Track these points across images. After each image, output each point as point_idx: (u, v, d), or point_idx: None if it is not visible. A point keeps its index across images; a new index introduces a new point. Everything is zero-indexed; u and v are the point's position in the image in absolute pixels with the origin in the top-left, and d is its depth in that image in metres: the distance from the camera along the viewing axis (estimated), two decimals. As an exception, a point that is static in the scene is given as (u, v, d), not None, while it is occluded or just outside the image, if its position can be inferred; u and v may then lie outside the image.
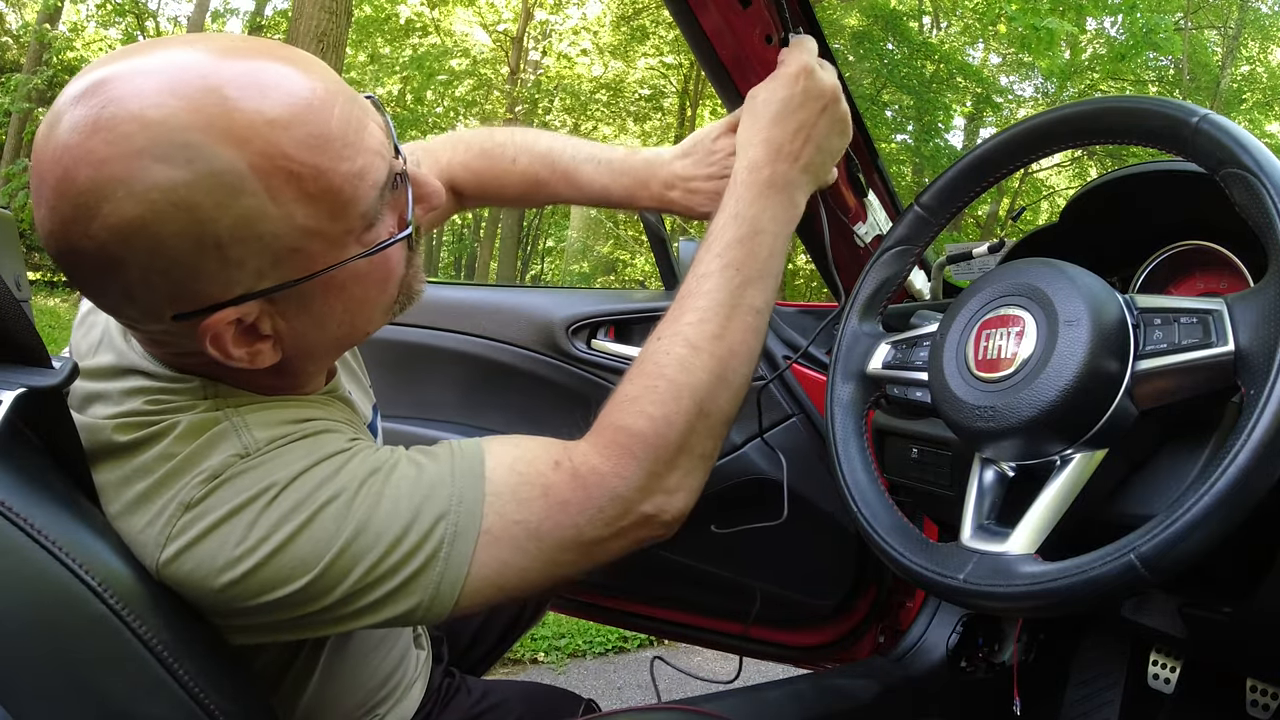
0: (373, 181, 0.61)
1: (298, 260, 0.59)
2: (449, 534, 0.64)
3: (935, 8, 12.55)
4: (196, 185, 0.53)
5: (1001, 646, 1.38)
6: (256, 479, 0.62)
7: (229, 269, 0.57)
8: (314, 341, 0.66)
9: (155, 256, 0.54)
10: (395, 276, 0.68)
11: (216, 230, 0.54)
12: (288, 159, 0.55)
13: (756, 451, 1.43)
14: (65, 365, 0.59)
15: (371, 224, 0.62)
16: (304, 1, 7.79)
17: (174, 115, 0.52)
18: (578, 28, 14.09)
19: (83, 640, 0.54)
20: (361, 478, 0.64)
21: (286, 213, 0.56)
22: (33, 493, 0.55)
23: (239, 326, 0.60)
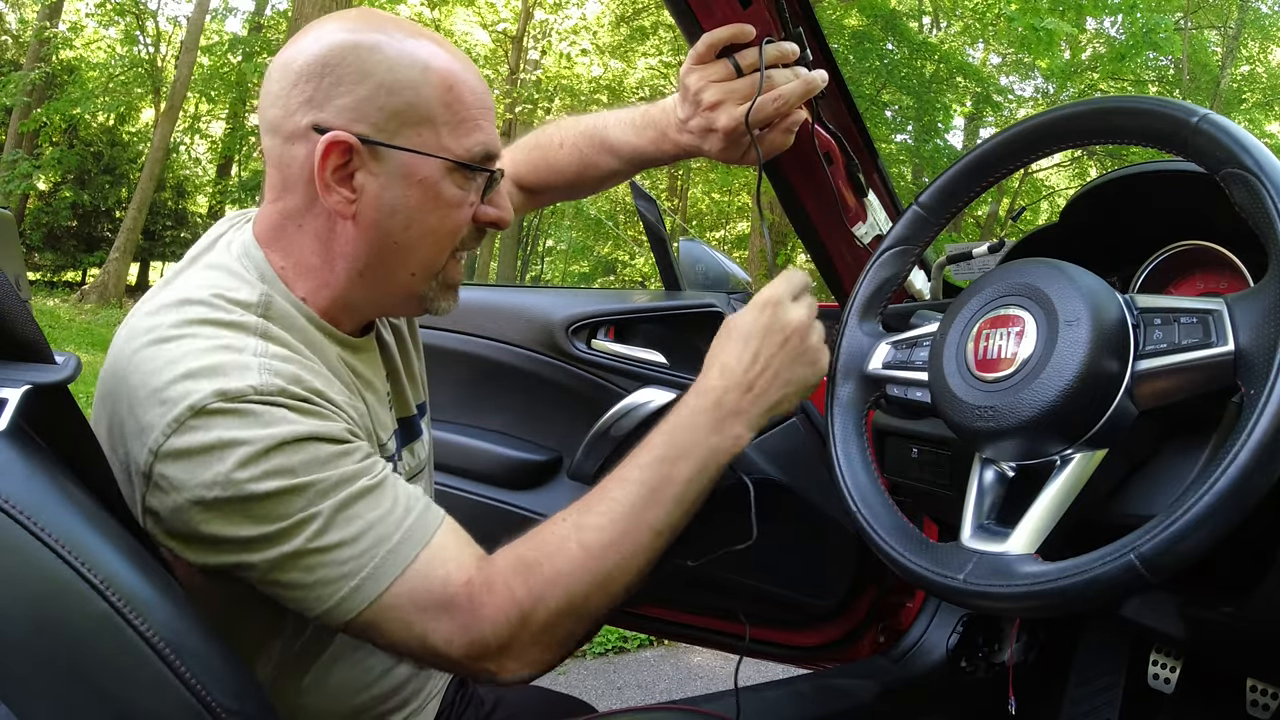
0: (482, 149, 0.78)
1: (404, 134, 0.74)
2: (371, 570, 0.69)
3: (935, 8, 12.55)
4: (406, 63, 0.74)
5: (1001, 646, 1.38)
6: (263, 423, 0.67)
7: (365, 107, 0.73)
8: (383, 232, 0.76)
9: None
10: (453, 223, 0.79)
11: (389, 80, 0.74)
12: (459, 84, 0.76)
13: (757, 451, 1.43)
14: (69, 361, 0.59)
15: (462, 166, 0.77)
16: (304, 1, 7.80)
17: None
18: (577, 27, 14.10)
19: (85, 638, 0.54)
20: (342, 478, 0.70)
21: (427, 100, 0.75)
22: (36, 490, 0.55)
23: (340, 154, 0.73)
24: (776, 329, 0.84)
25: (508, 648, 0.72)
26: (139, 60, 14.05)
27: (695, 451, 0.79)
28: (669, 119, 1.05)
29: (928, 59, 11.04)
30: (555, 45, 14.41)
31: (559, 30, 14.30)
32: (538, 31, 14.61)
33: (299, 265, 0.79)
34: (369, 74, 0.73)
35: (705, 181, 15.33)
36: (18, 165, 11.64)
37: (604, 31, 14.18)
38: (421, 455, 0.98)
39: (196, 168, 16.20)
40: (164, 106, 12.30)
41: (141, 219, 11.21)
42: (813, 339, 0.86)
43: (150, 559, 0.62)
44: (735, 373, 0.82)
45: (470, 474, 1.54)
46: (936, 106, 10.97)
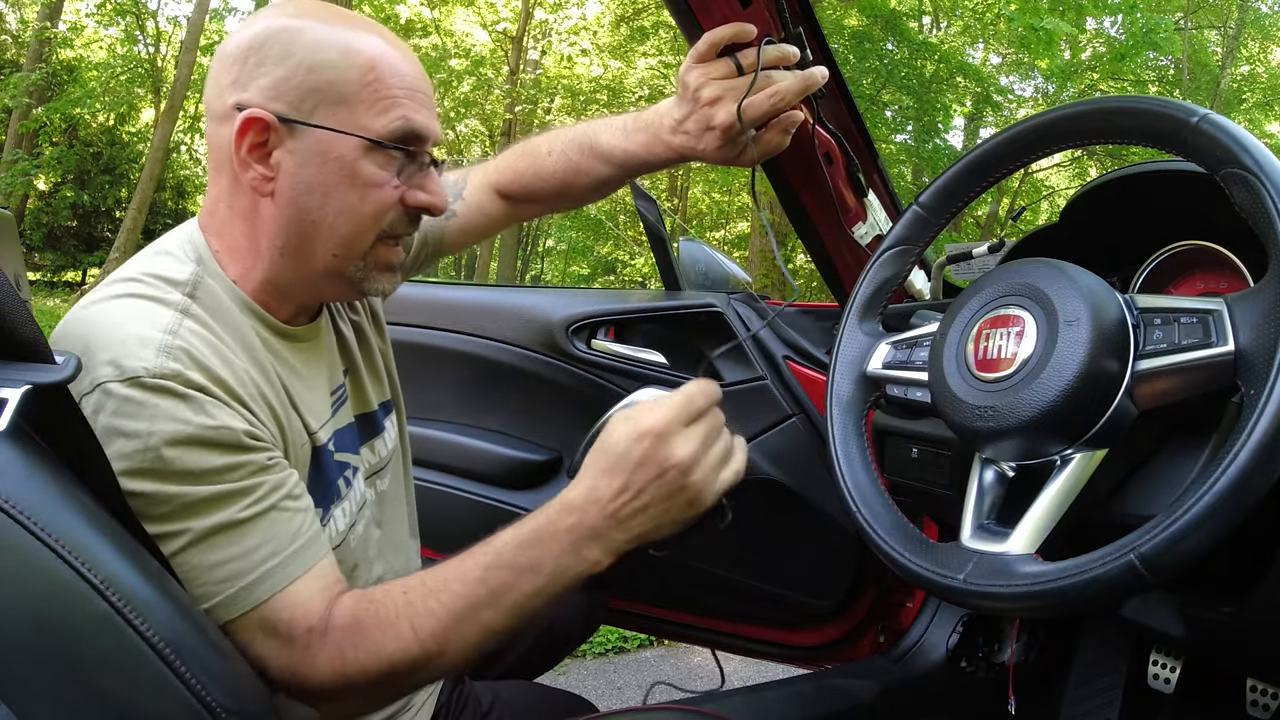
0: (401, 128, 0.77)
1: (320, 113, 0.76)
2: (222, 599, 0.70)
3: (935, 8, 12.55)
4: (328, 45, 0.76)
5: (1001, 646, 1.38)
6: (148, 415, 0.68)
7: (283, 86, 0.75)
8: (299, 210, 0.77)
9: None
10: (374, 204, 0.78)
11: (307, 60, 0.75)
12: (381, 64, 0.77)
13: (756, 451, 1.43)
14: (69, 361, 0.59)
15: (378, 145, 0.77)
16: (304, 1, 7.79)
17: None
18: (577, 27, 14.10)
19: (85, 638, 0.54)
20: (214, 497, 0.70)
21: (346, 79, 0.76)
22: (36, 490, 0.55)
23: (257, 132, 0.75)
24: (652, 463, 0.75)
25: (330, 697, 0.74)
26: (139, 60, 14.05)
27: (544, 567, 0.75)
28: (662, 122, 1.05)
29: (928, 59, 11.04)
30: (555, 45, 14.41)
31: (559, 31, 14.30)
32: (538, 31, 14.61)
33: (231, 247, 0.80)
34: (290, 54, 0.75)
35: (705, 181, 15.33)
36: (17, 165, 11.65)
37: (604, 31, 14.18)
38: (384, 452, 0.98)
39: (196, 168, 16.20)
40: (164, 106, 12.30)
41: (141, 219, 11.20)
42: (695, 475, 0.76)
43: (150, 559, 0.62)
44: (601, 498, 0.76)
45: (470, 474, 1.54)
46: (936, 106, 10.96)
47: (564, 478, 1.56)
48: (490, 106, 15.06)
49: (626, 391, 1.48)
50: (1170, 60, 12.53)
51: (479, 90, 14.97)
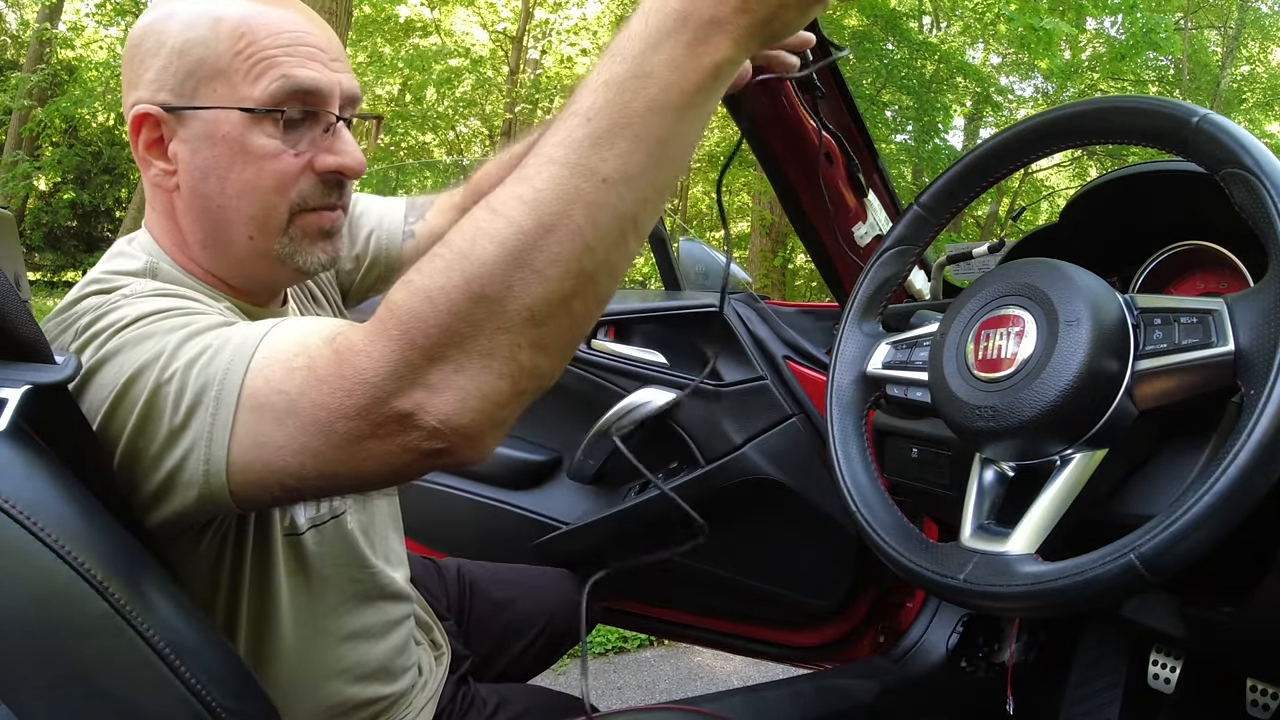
0: (282, 87, 0.72)
1: (201, 93, 0.73)
2: (216, 387, 0.61)
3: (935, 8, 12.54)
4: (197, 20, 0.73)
5: (1001, 646, 1.38)
6: (128, 305, 0.67)
7: (164, 75, 0.73)
8: (203, 197, 0.75)
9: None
10: (272, 175, 0.74)
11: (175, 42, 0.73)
12: (253, 27, 0.72)
13: (756, 451, 1.43)
14: (69, 361, 0.59)
15: (259, 113, 0.72)
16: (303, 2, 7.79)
17: None
18: (577, 27, 14.10)
19: (85, 638, 0.54)
20: (199, 325, 0.66)
21: (218, 52, 0.72)
22: (36, 490, 0.55)
23: (150, 128, 0.73)
24: None
25: (416, 368, 0.55)
26: (139, 60, 14.06)
27: (658, 70, 0.53)
28: None
29: (928, 59, 11.03)
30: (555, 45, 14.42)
31: (559, 31, 14.30)
32: (538, 31, 14.61)
33: (169, 241, 0.79)
34: (163, 42, 0.73)
35: (705, 182, 15.33)
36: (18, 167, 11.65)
37: (604, 31, 14.18)
38: None
39: (196, 168, 16.21)
40: (164, 106, 12.29)
41: (141, 219, 11.20)
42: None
43: (150, 559, 0.62)
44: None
45: (470, 474, 1.54)
46: (936, 106, 10.95)
47: (564, 478, 1.56)
48: (490, 106, 15.05)
49: (626, 391, 1.48)
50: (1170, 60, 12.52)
51: (479, 90, 14.97)
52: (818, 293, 11.29)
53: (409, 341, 0.55)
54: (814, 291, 12.10)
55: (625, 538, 1.50)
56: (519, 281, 0.53)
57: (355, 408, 0.56)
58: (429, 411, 0.55)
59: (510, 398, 0.56)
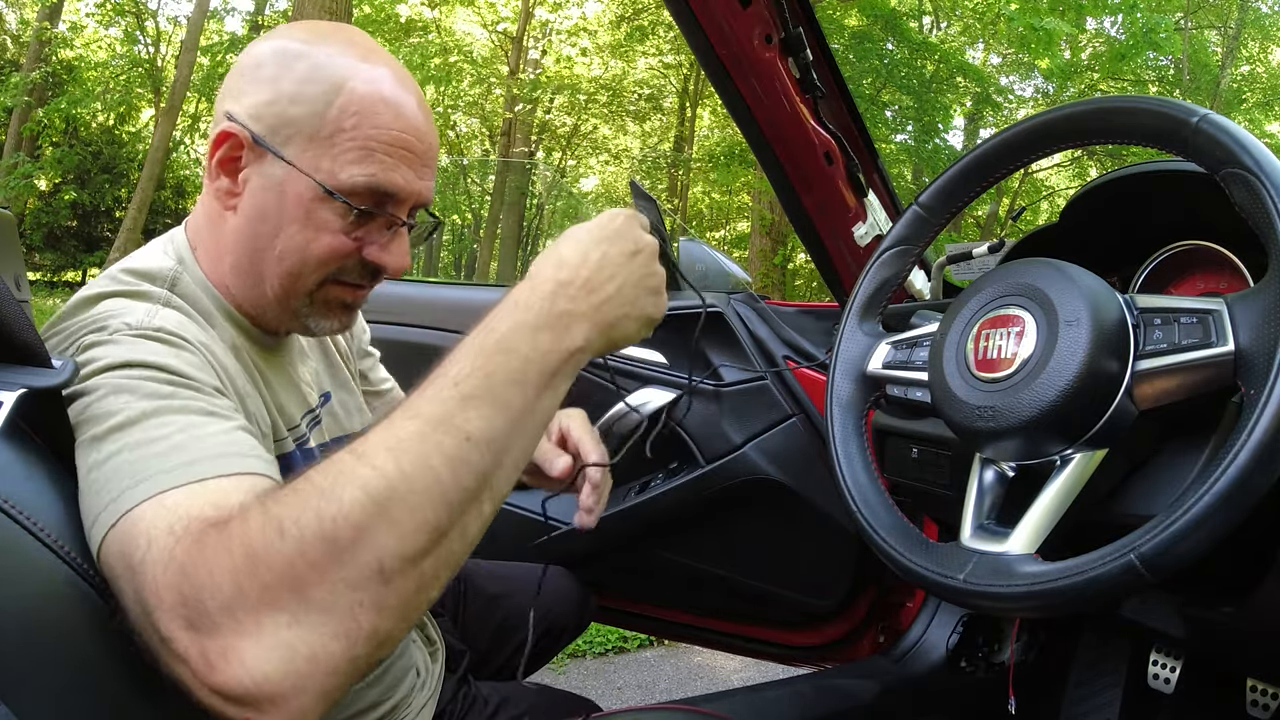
0: (367, 183, 0.74)
1: (292, 145, 0.74)
2: (125, 483, 0.57)
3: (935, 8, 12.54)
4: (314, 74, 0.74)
5: (1001, 646, 1.38)
6: (127, 347, 0.65)
7: (265, 109, 0.74)
8: (253, 233, 0.76)
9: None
10: (322, 248, 0.76)
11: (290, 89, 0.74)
12: (368, 112, 0.74)
13: (756, 451, 1.43)
14: (65, 366, 0.59)
15: (332, 196, 0.74)
16: (304, 1, 7.80)
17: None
18: (576, 27, 14.10)
19: (84, 638, 0.54)
20: (175, 395, 0.63)
21: (325, 118, 0.73)
22: (35, 491, 0.56)
23: (232, 146, 0.75)
24: (628, 237, 0.70)
25: (224, 616, 0.50)
26: (139, 60, 14.06)
27: (521, 348, 0.61)
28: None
29: (928, 59, 11.04)
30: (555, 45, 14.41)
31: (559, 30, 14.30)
32: (538, 31, 14.61)
33: (206, 250, 0.80)
34: (280, 79, 0.74)
35: (705, 182, 15.34)
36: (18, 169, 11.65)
37: (604, 31, 14.18)
38: None
39: (196, 168, 16.19)
40: (163, 106, 12.30)
41: (141, 219, 11.20)
42: (658, 269, 0.73)
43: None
44: (573, 267, 0.66)
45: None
46: (936, 106, 10.95)
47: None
48: (490, 106, 15.05)
49: (627, 391, 1.48)
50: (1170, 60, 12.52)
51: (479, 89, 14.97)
52: (818, 293, 11.28)
53: (249, 568, 0.50)
54: (814, 291, 12.10)
55: (625, 537, 1.50)
56: (373, 529, 0.52)
57: (176, 618, 0.51)
58: (245, 663, 0.49)
59: (343, 663, 0.51)
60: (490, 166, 15.69)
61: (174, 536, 0.53)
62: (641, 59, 14.60)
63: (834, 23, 10.48)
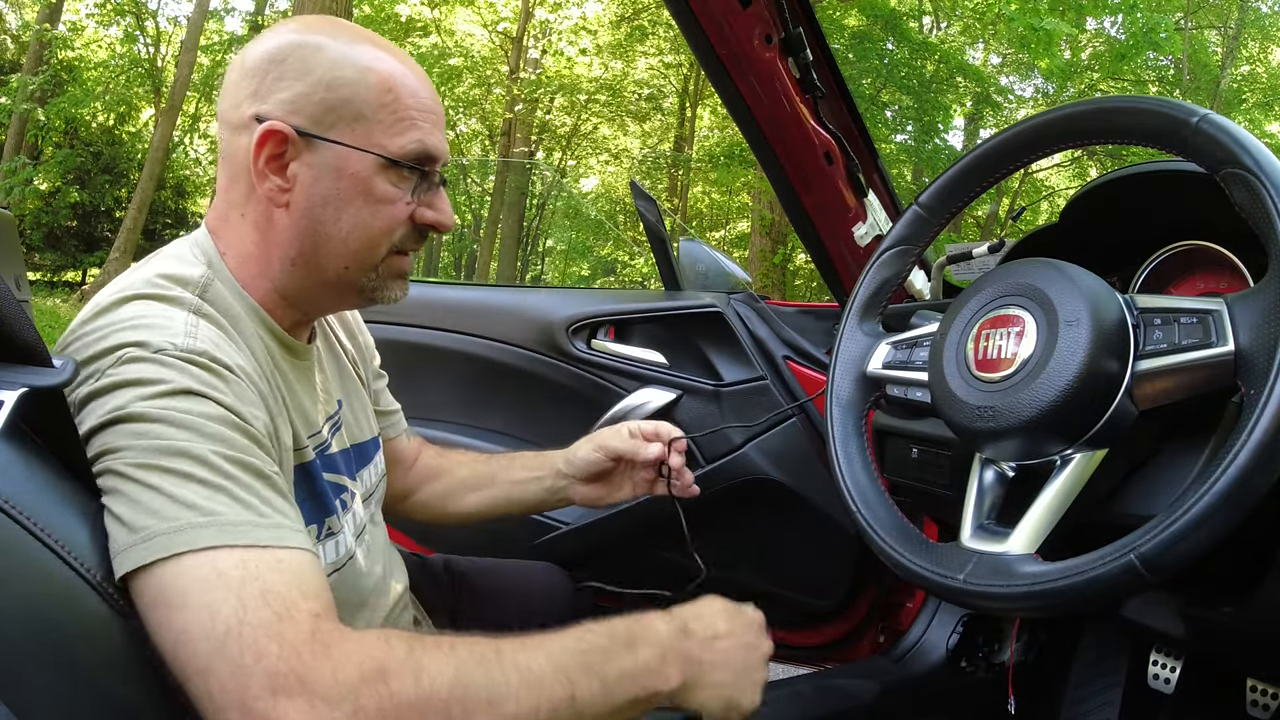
0: (417, 149, 0.80)
1: (339, 129, 0.77)
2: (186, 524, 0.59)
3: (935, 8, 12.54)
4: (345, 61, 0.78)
5: (1001, 646, 1.38)
6: (177, 371, 0.66)
7: (303, 101, 0.77)
8: (314, 221, 0.79)
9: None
10: (385, 219, 0.80)
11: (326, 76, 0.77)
12: (398, 85, 0.79)
13: (757, 451, 1.43)
14: (66, 365, 0.59)
15: (393, 164, 0.79)
16: (304, 1, 7.80)
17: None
18: (576, 27, 14.09)
19: (84, 638, 0.54)
20: (223, 438, 0.65)
21: (364, 98, 0.78)
22: (35, 491, 0.56)
23: (275, 144, 0.76)
24: (754, 633, 0.82)
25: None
26: (139, 60, 14.06)
27: (634, 654, 0.72)
28: (555, 466, 1.14)
29: (928, 59, 11.03)
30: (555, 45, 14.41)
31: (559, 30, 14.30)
32: (538, 31, 14.61)
33: (241, 253, 0.81)
34: (310, 70, 0.77)
35: (705, 182, 15.34)
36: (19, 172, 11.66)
37: (604, 31, 14.18)
38: (374, 479, 1.01)
39: (196, 168, 16.18)
40: (163, 106, 12.31)
41: (141, 219, 11.19)
42: (765, 671, 0.82)
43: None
44: (706, 627, 0.78)
45: (470, 474, 1.54)
46: (936, 106, 10.95)
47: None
48: (490, 106, 15.05)
49: (626, 391, 1.48)
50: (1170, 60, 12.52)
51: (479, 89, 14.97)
52: (818, 293, 11.27)
53: (375, 694, 0.58)
54: (814, 291, 12.09)
55: (625, 538, 1.50)
56: (481, 713, 0.62)
57: (274, 691, 0.55)
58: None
59: None
60: (490, 166, 15.70)
61: (274, 613, 0.58)
62: (641, 59, 14.60)
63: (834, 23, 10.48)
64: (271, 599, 0.58)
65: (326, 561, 0.85)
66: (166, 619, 0.57)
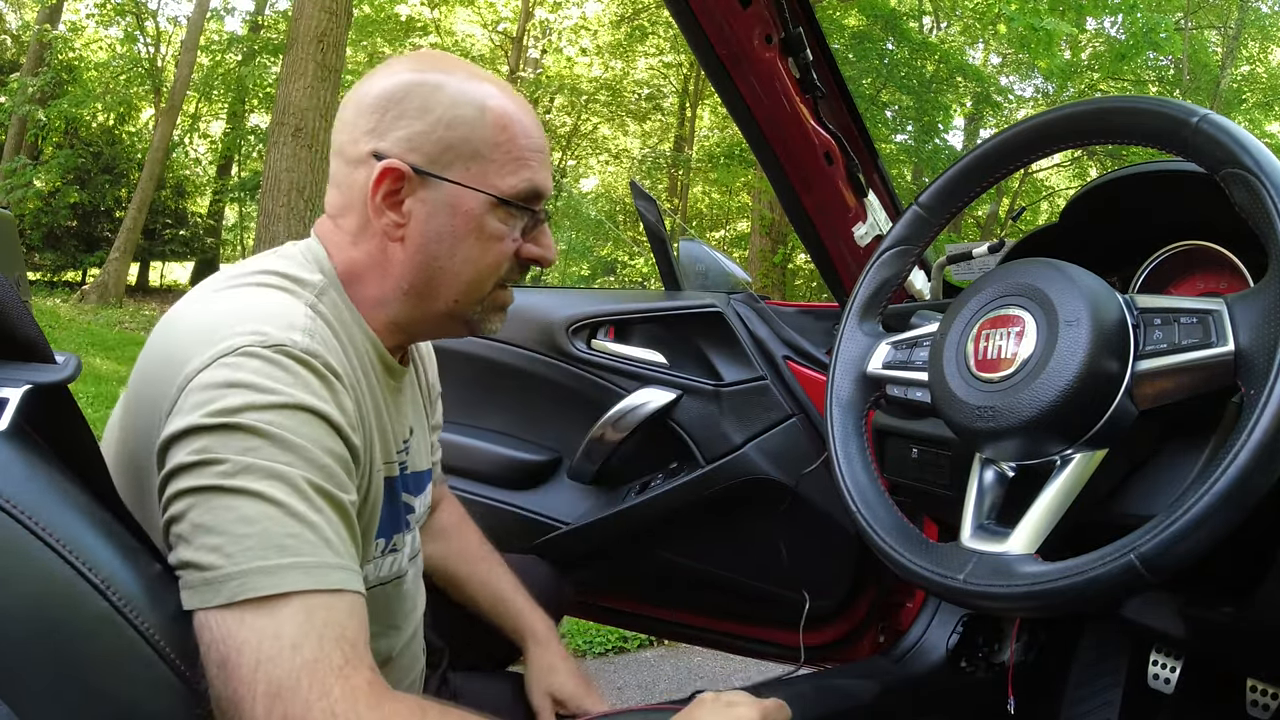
0: (528, 188, 0.81)
1: (455, 168, 0.79)
2: (285, 564, 0.63)
3: (935, 8, 12.55)
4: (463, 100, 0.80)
5: (1001, 646, 1.38)
6: (291, 379, 0.67)
7: (421, 139, 0.79)
8: (428, 256, 0.81)
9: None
10: (495, 256, 0.82)
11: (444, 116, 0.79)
12: (513, 125, 0.81)
13: (757, 451, 1.43)
14: (69, 361, 0.59)
15: (504, 203, 0.80)
16: (304, 1, 7.79)
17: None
18: (577, 27, 14.10)
19: (86, 638, 0.54)
20: (321, 465, 0.67)
21: (480, 137, 0.79)
22: (37, 490, 0.55)
23: (393, 181, 0.78)
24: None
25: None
26: (139, 60, 14.05)
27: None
28: (533, 664, 1.11)
29: (928, 59, 11.04)
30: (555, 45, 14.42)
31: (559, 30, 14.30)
32: (538, 31, 14.61)
33: (354, 276, 0.83)
34: (429, 110, 0.79)
35: (705, 182, 15.34)
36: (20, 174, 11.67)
37: (604, 31, 14.18)
38: (423, 508, 1.01)
39: (196, 168, 16.17)
40: (163, 106, 12.30)
41: (141, 219, 11.19)
42: None
43: (150, 559, 0.63)
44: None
45: (470, 474, 1.54)
46: (936, 106, 10.96)
47: (564, 478, 1.56)
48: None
49: (626, 391, 1.48)
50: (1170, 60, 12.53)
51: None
52: (818, 293, 11.28)
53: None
54: (814, 291, 12.09)
55: (625, 538, 1.50)
56: None
57: None
58: None
59: None
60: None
61: (344, 657, 0.63)
62: (641, 59, 14.61)
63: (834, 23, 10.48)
64: (344, 645, 0.63)
65: (378, 575, 0.86)
66: (237, 651, 0.61)
